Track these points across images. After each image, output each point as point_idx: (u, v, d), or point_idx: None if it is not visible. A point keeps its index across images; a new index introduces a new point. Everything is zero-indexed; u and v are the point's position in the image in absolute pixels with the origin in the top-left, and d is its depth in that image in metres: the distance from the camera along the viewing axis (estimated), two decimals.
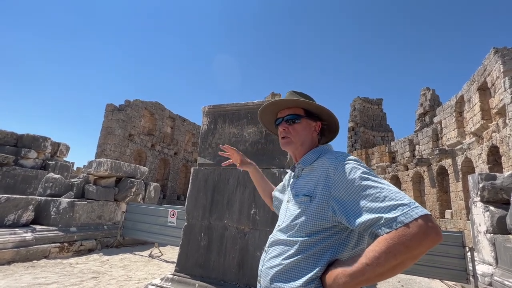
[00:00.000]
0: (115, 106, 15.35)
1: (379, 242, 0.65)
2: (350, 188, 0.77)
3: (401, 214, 0.65)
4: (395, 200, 0.68)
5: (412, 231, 0.62)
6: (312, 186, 0.87)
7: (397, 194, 0.69)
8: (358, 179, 0.76)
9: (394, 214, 0.66)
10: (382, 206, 0.68)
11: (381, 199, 0.70)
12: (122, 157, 14.44)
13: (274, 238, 0.91)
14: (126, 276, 4.15)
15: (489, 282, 3.60)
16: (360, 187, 0.74)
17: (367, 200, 0.72)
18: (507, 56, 8.01)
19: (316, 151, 0.97)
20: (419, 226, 0.62)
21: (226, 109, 3.01)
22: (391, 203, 0.68)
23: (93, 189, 6.45)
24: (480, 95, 9.38)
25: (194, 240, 2.71)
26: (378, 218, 0.68)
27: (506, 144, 7.83)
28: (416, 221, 0.63)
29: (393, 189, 0.72)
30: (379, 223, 0.67)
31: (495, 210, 3.92)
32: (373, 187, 0.73)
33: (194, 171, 2.93)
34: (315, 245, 0.80)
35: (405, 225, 0.63)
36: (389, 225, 0.65)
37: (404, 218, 0.64)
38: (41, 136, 8.40)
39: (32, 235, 4.79)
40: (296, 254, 0.81)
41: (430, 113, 16.53)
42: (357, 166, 0.80)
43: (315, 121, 1.02)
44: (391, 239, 0.63)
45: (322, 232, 0.81)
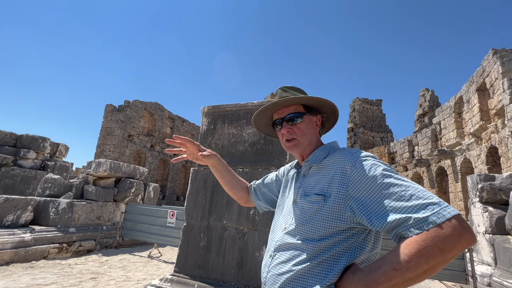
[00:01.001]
0: (114, 107, 15.34)
1: (409, 245, 0.60)
2: (371, 186, 0.70)
3: (432, 213, 0.60)
4: (423, 198, 0.63)
5: (446, 232, 0.57)
6: (326, 184, 0.80)
7: (425, 193, 0.64)
8: (380, 177, 0.70)
9: (424, 214, 0.61)
10: (409, 205, 0.63)
11: (407, 198, 0.64)
12: (121, 157, 14.43)
13: (282, 242, 0.82)
14: (125, 277, 4.14)
15: (488, 282, 3.60)
16: (383, 185, 0.69)
17: (392, 199, 0.66)
18: (506, 57, 8.03)
19: (325, 148, 0.91)
20: (453, 226, 0.58)
21: (225, 109, 3.02)
22: (419, 202, 0.63)
23: (92, 189, 6.44)
24: (479, 96, 9.41)
25: (193, 240, 2.71)
26: (405, 218, 0.62)
27: (505, 145, 7.85)
28: (450, 222, 0.58)
29: (419, 187, 0.67)
30: (407, 224, 0.62)
31: (494, 211, 3.93)
32: (398, 185, 0.67)
33: (193, 172, 2.94)
34: (330, 249, 0.73)
35: (437, 226, 0.58)
36: (419, 226, 0.60)
37: (436, 218, 0.59)
38: (40, 137, 8.39)
39: (31, 236, 4.78)
40: (309, 259, 0.74)
41: (429, 114, 16.56)
42: (377, 162, 0.74)
43: (315, 115, 0.95)
44: (422, 241, 0.58)
45: (338, 235, 0.74)
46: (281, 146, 2.69)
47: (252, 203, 1.21)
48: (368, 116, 23.21)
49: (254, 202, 1.19)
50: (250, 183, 1.23)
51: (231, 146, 2.87)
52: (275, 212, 0.99)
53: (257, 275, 2.40)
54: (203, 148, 1.12)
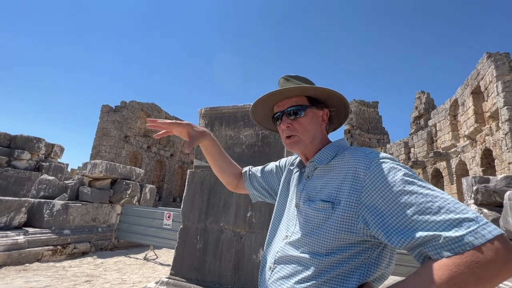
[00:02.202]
0: (110, 107, 15.24)
1: (438, 270, 0.49)
2: (390, 194, 0.59)
3: (468, 232, 0.49)
4: (456, 212, 0.52)
5: (486, 258, 0.47)
6: (334, 189, 0.69)
7: (457, 205, 0.53)
8: (400, 183, 0.59)
9: (458, 233, 0.50)
10: (438, 220, 0.52)
11: (435, 211, 0.53)
12: (117, 158, 14.32)
13: (283, 253, 0.72)
14: (120, 280, 4.10)
15: None
16: (404, 193, 0.57)
17: (415, 210, 0.55)
18: (499, 61, 8.15)
19: (333, 147, 0.78)
20: (495, 250, 0.47)
21: (222, 111, 3.02)
22: (451, 217, 0.52)
23: (87, 191, 6.38)
24: (473, 98, 9.53)
25: (190, 243, 2.69)
26: (434, 236, 0.51)
27: (499, 147, 7.95)
28: (491, 244, 0.48)
29: (449, 197, 0.55)
30: (436, 243, 0.51)
31: (488, 213, 3.97)
32: (422, 194, 0.56)
33: (190, 174, 2.93)
34: (340, 265, 0.63)
35: (475, 248, 0.48)
36: (451, 247, 0.50)
37: (473, 239, 0.48)
38: (34, 137, 8.30)
39: (25, 238, 4.72)
40: (314, 276, 0.64)
41: (425, 116, 16.72)
42: (397, 166, 0.62)
43: (321, 109, 0.82)
44: (455, 267, 0.48)
45: (348, 249, 0.64)
46: (278, 148, 2.70)
47: (242, 189, 1.09)
48: (365, 118, 23.37)
49: (247, 189, 1.06)
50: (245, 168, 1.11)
51: (228, 148, 2.87)
52: (274, 214, 0.89)
53: (253, 278, 2.39)
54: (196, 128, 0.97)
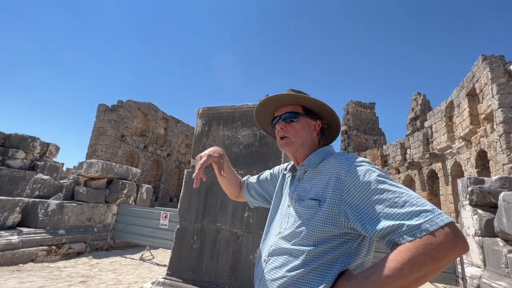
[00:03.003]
0: (107, 106, 15.13)
1: (401, 252, 0.59)
2: (365, 191, 0.70)
3: (425, 221, 0.60)
4: (417, 205, 0.63)
5: (438, 240, 0.57)
6: (320, 189, 0.79)
7: (418, 200, 0.64)
8: (374, 182, 0.70)
9: (418, 221, 0.60)
10: (403, 212, 0.63)
11: (401, 204, 0.64)
12: (113, 158, 14.22)
13: (276, 247, 0.82)
14: (116, 280, 4.07)
15: (478, 284, 3.66)
16: (377, 191, 0.68)
17: (385, 205, 0.66)
18: (494, 63, 8.25)
19: (320, 152, 0.89)
20: (445, 234, 0.58)
21: (220, 111, 3.01)
22: (413, 209, 0.62)
23: (83, 190, 6.32)
24: (469, 100, 9.62)
25: (186, 243, 2.68)
26: (399, 225, 0.62)
27: (493, 149, 8.04)
28: (443, 229, 0.58)
29: (413, 193, 0.66)
30: (400, 231, 0.62)
31: (483, 214, 4.01)
32: (391, 191, 0.67)
33: (187, 173, 2.91)
34: (324, 255, 0.73)
35: (430, 233, 0.58)
36: (412, 233, 0.60)
37: (429, 226, 0.59)
38: (29, 136, 8.20)
39: (19, 238, 4.66)
40: (303, 265, 0.73)
41: (421, 117, 16.86)
42: (371, 168, 0.74)
43: (314, 120, 0.94)
44: (415, 249, 0.58)
45: (332, 240, 0.74)
46: (275, 148, 2.70)
47: (243, 198, 1.21)
48: (362, 119, 23.49)
49: (245, 197, 1.19)
50: (243, 178, 1.24)
51: (225, 148, 2.86)
52: (269, 215, 0.98)
53: (250, 278, 2.38)
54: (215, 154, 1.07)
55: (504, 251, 3.38)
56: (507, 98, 7.45)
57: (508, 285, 3.13)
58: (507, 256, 3.31)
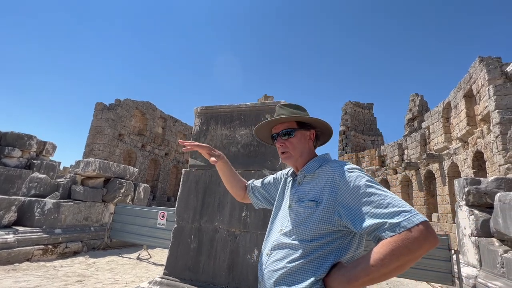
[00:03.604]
0: (105, 105, 15.04)
1: (384, 245, 0.70)
2: (355, 194, 0.81)
3: (404, 219, 0.70)
4: (398, 207, 0.73)
5: (414, 235, 0.68)
6: (318, 192, 0.90)
7: (399, 202, 0.75)
8: (363, 186, 0.81)
9: (398, 220, 0.71)
10: (386, 212, 0.74)
11: (385, 206, 0.75)
12: (111, 157, 14.15)
13: (278, 242, 0.93)
14: (112, 279, 4.05)
15: (473, 284, 3.69)
16: (365, 194, 0.79)
17: (372, 206, 0.77)
18: (491, 65, 8.30)
19: (318, 160, 1.01)
20: (420, 231, 0.68)
21: (218, 110, 3.00)
22: (394, 210, 0.73)
23: (80, 189, 6.28)
24: (466, 102, 9.68)
25: (184, 242, 2.67)
26: (382, 223, 0.73)
27: (490, 150, 8.10)
28: (418, 226, 0.69)
29: (395, 196, 0.77)
30: (384, 227, 0.72)
31: (479, 214, 4.03)
32: (377, 194, 0.78)
33: (185, 173, 2.90)
34: (320, 249, 0.83)
35: (407, 230, 0.69)
36: (393, 229, 0.70)
37: (406, 223, 0.70)
38: (26, 134, 8.13)
39: (14, 237, 4.62)
40: (301, 257, 0.84)
41: (419, 118, 16.94)
42: (361, 174, 0.85)
43: (308, 130, 1.06)
44: (395, 242, 0.69)
45: (327, 236, 0.84)
46: (273, 148, 2.69)
47: (248, 199, 1.33)
48: (360, 120, 23.55)
49: (250, 199, 1.31)
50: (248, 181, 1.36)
51: (223, 147, 2.86)
52: (272, 215, 1.09)
53: (248, 277, 2.38)
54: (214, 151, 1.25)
55: (499, 251, 3.41)
56: (503, 99, 7.50)
57: (503, 284, 3.15)
58: (502, 256, 3.33)
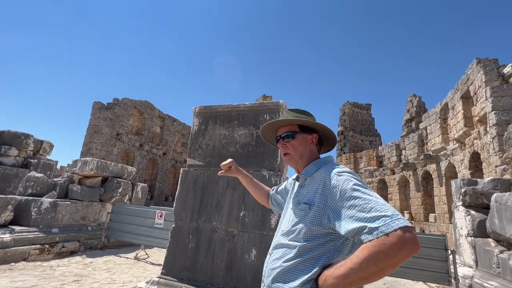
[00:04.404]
0: (102, 104, 14.97)
1: (363, 249, 0.71)
2: (341, 197, 0.83)
3: (383, 224, 0.70)
4: (380, 211, 0.74)
5: (391, 241, 0.67)
6: (312, 195, 0.94)
7: (383, 206, 0.75)
8: (349, 190, 0.82)
9: (377, 224, 0.71)
10: (367, 217, 0.74)
11: (367, 210, 0.76)
12: (109, 156, 14.09)
13: (277, 242, 0.98)
14: (110, 279, 4.03)
15: (470, 284, 3.72)
16: (350, 197, 0.81)
17: (356, 209, 0.78)
18: (488, 66, 8.36)
19: (317, 163, 1.04)
20: (397, 236, 0.67)
21: (217, 110, 3.00)
22: (375, 214, 0.74)
23: (77, 189, 6.25)
24: (463, 103, 9.74)
25: (181, 242, 2.67)
26: (363, 227, 0.74)
27: (486, 151, 8.16)
28: (396, 232, 0.68)
29: (380, 201, 0.77)
30: (364, 231, 0.73)
31: (476, 214, 4.06)
32: (362, 198, 0.79)
33: (183, 172, 2.90)
34: (313, 250, 0.86)
35: (385, 235, 0.68)
36: (372, 234, 0.71)
37: (385, 228, 0.69)
38: (23, 133, 8.08)
39: (11, 236, 4.59)
40: (295, 257, 0.88)
41: (416, 119, 17.01)
42: (350, 178, 0.86)
43: (310, 133, 1.09)
44: (372, 247, 0.69)
45: (319, 238, 0.87)
46: (272, 148, 2.70)
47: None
48: (358, 120, 23.63)
49: (271, 207, 1.41)
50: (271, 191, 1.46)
51: (222, 147, 2.85)
52: (281, 217, 1.15)
53: (245, 277, 2.38)
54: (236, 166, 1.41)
55: (495, 252, 3.43)
56: (500, 101, 7.56)
57: (499, 284, 3.18)
58: (498, 256, 3.36)
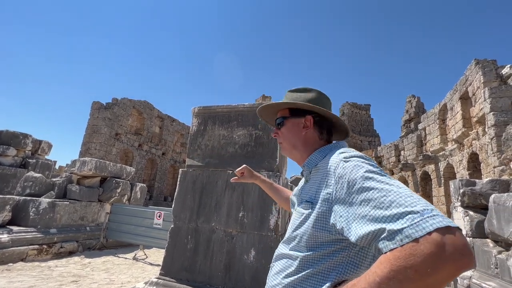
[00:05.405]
0: (101, 104, 14.95)
1: (381, 263, 0.49)
2: (350, 191, 0.61)
3: (410, 225, 0.48)
4: (404, 206, 0.51)
5: (424, 250, 0.45)
6: (315, 189, 0.73)
7: (408, 198, 0.52)
8: (360, 180, 0.60)
9: (401, 225, 0.49)
10: (386, 215, 0.52)
11: (386, 205, 0.53)
12: (107, 156, 14.06)
13: (278, 252, 0.78)
14: (108, 280, 4.02)
15: (468, 284, 3.72)
16: (362, 189, 0.58)
17: (370, 206, 0.55)
18: (487, 67, 8.39)
19: (322, 150, 0.81)
20: (434, 242, 0.45)
21: (216, 110, 3.00)
22: (398, 211, 0.51)
23: (76, 189, 6.24)
24: (462, 104, 9.77)
25: (180, 242, 2.66)
26: (380, 230, 0.51)
27: (485, 152, 8.19)
28: (430, 236, 0.45)
29: (403, 191, 0.54)
30: (382, 236, 0.51)
31: (474, 215, 4.07)
32: (378, 189, 0.56)
33: (182, 173, 2.89)
34: (319, 262, 0.66)
35: (414, 241, 0.46)
36: (394, 240, 0.49)
37: (413, 231, 0.47)
38: (21, 133, 8.05)
39: (8, 237, 4.57)
40: (297, 272, 0.68)
41: (415, 119, 17.06)
42: (360, 163, 0.64)
43: (303, 116, 0.86)
44: (395, 260, 0.47)
45: (326, 247, 0.66)
46: (271, 148, 2.70)
47: None
48: (357, 120, 23.68)
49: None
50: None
51: (221, 148, 2.85)
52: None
53: (244, 278, 2.38)
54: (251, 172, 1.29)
55: (494, 252, 3.44)
56: (498, 101, 7.58)
57: (497, 285, 3.19)
58: (496, 257, 3.37)
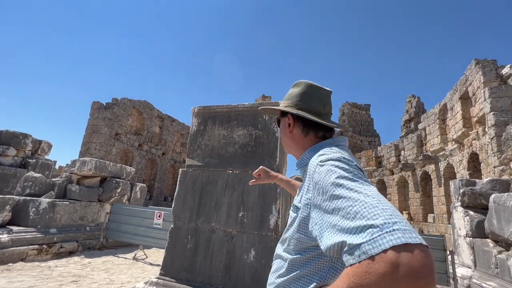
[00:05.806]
0: (101, 104, 14.95)
1: (343, 277, 0.46)
2: (324, 198, 0.58)
3: (368, 240, 0.44)
4: (367, 218, 0.47)
5: (378, 270, 0.41)
6: (301, 193, 0.72)
7: (372, 209, 0.48)
8: (331, 187, 0.56)
9: (361, 240, 0.45)
10: (351, 226, 0.48)
11: (352, 216, 0.49)
12: (107, 156, 14.06)
13: (275, 252, 0.81)
14: (108, 280, 4.02)
15: (468, 284, 3.72)
16: (332, 197, 0.55)
17: (339, 215, 0.52)
18: (487, 67, 8.39)
19: (313, 149, 0.78)
20: (389, 263, 0.41)
21: (216, 110, 3.00)
22: (360, 223, 0.47)
23: (75, 189, 6.24)
24: (462, 104, 9.77)
25: (180, 242, 2.66)
26: (344, 243, 0.48)
27: (485, 152, 8.18)
28: (385, 254, 0.42)
29: (369, 201, 0.50)
30: (344, 250, 0.48)
31: (474, 215, 4.07)
32: (346, 198, 0.52)
33: (182, 173, 2.89)
34: (305, 266, 0.66)
35: (370, 258, 0.43)
36: (353, 255, 0.46)
37: (370, 247, 0.44)
38: (21, 133, 8.05)
39: (8, 237, 4.57)
40: (287, 273, 0.69)
41: (415, 119, 17.06)
42: (333, 168, 0.60)
43: (286, 116, 0.87)
44: (353, 276, 0.44)
45: (309, 251, 0.65)
46: (271, 148, 2.70)
47: None
48: (357, 120, 23.68)
49: None
50: None
51: (221, 148, 2.85)
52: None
53: (244, 278, 2.38)
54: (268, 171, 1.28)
55: (494, 252, 3.44)
56: (498, 101, 7.58)
57: (497, 285, 3.18)
58: (497, 256, 3.36)
